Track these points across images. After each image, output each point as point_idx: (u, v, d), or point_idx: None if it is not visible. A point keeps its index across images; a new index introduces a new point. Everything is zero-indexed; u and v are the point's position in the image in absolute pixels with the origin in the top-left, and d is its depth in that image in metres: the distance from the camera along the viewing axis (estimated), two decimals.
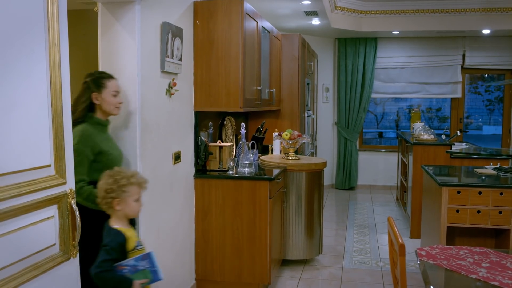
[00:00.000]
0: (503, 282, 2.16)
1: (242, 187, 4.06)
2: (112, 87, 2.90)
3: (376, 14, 8.13)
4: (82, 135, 2.74)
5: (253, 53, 4.49)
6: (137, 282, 2.33)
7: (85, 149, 2.72)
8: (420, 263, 2.41)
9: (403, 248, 1.92)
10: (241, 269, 4.14)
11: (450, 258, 2.47)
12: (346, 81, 8.88)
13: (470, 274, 2.26)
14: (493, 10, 7.89)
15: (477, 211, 3.85)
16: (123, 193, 2.38)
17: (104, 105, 2.88)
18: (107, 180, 2.39)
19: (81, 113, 2.83)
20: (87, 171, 2.72)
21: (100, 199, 2.42)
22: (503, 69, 8.82)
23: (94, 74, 2.91)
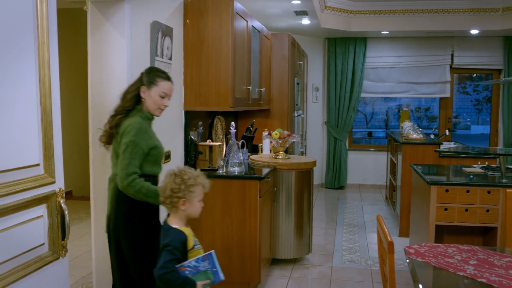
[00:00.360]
0: (490, 279, 2.18)
1: (232, 186, 4.06)
2: (163, 88, 2.83)
3: (365, 14, 8.17)
4: (140, 129, 2.72)
5: (243, 53, 4.49)
6: (199, 283, 2.30)
7: (142, 142, 2.70)
8: (408, 261, 2.43)
9: (391, 245, 1.94)
10: (231, 269, 4.14)
11: (438, 255, 2.49)
12: (336, 80, 8.92)
13: (458, 272, 2.28)
14: (481, 11, 7.96)
15: (465, 209, 3.89)
16: (189, 193, 2.37)
17: (148, 102, 2.82)
18: (174, 180, 2.36)
19: (129, 101, 2.80)
20: (139, 164, 2.69)
21: (164, 198, 2.39)
22: (491, 69, 8.89)
23: (152, 70, 2.89)
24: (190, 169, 2.47)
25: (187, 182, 2.35)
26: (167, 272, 2.23)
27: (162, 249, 2.30)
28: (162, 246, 2.31)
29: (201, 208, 2.47)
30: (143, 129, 2.73)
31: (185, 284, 2.26)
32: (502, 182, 3.93)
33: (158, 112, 2.88)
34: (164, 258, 2.26)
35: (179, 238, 2.33)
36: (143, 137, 2.71)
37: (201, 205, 2.46)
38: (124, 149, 2.66)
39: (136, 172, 2.66)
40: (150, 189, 2.66)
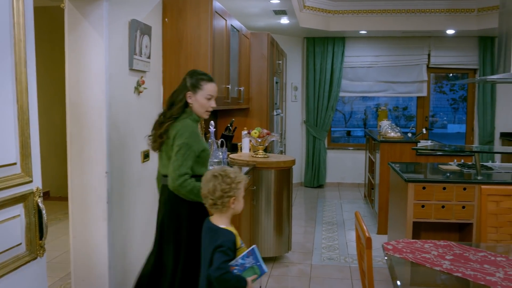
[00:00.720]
0: (466, 273, 2.23)
1: None
2: (208, 91, 2.90)
3: (344, 14, 8.23)
4: (192, 132, 2.82)
5: (222, 52, 4.49)
6: (249, 279, 2.32)
7: (194, 144, 2.78)
8: (387, 258, 2.46)
9: (369, 241, 1.97)
10: None
11: (415, 251, 2.53)
12: (315, 80, 8.97)
13: (435, 266, 2.32)
14: (457, 11, 8.09)
15: (442, 206, 3.95)
16: (238, 191, 2.42)
17: (195, 106, 2.90)
18: (224, 180, 2.39)
19: (177, 110, 2.87)
20: (191, 165, 2.76)
21: (214, 199, 2.39)
22: (466, 68, 9.03)
23: (193, 73, 2.95)
24: (226, 167, 2.53)
25: (235, 180, 2.40)
26: (224, 273, 2.25)
27: (214, 250, 2.31)
28: (214, 247, 2.31)
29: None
30: (195, 132, 2.84)
31: (240, 283, 2.29)
32: (478, 179, 4.00)
33: (205, 114, 2.96)
34: (219, 259, 2.28)
35: (231, 238, 2.35)
36: (195, 140, 2.81)
37: (243, 201, 2.51)
38: (177, 151, 2.74)
39: (188, 173, 2.73)
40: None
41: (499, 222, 3.01)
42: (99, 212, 3.16)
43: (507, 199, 3.03)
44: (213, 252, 2.31)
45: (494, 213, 3.02)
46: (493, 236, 3.00)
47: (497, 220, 3.01)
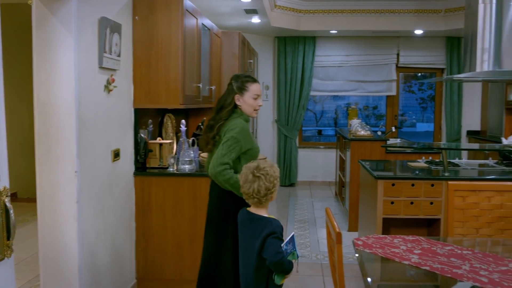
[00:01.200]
0: (433, 266, 2.28)
1: (183, 184, 4.05)
2: (253, 91, 3.13)
3: (314, 14, 8.30)
4: (243, 128, 3.04)
5: (193, 50, 4.48)
6: (294, 262, 2.54)
7: (242, 140, 3.00)
8: (358, 255, 2.50)
9: (339, 236, 2.00)
10: (182, 267, 4.13)
11: (385, 246, 2.58)
12: (286, 79, 9.01)
13: (403, 261, 2.36)
14: (424, 12, 8.24)
15: (411, 202, 4.02)
16: (275, 186, 2.63)
17: (244, 107, 3.14)
18: (266, 179, 2.56)
19: (227, 113, 3.10)
20: (234, 158, 2.97)
21: (260, 198, 2.58)
22: (434, 68, 9.21)
23: (238, 77, 3.19)
24: (260, 162, 2.66)
25: (275, 175, 2.61)
26: (282, 256, 2.46)
27: (267, 237, 2.48)
28: (266, 234, 2.49)
29: None
30: (245, 130, 3.06)
31: (290, 265, 2.50)
32: (445, 176, 4.09)
33: (254, 113, 3.20)
34: (275, 244, 2.47)
35: (279, 225, 2.58)
36: (244, 137, 3.02)
37: None
38: (224, 142, 2.98)
39: (229, 163, 2.94)
40: (236, 181, 2.86)
41: (465, 216, 3.08)
42: (68, 212, 3.12)
43: (472, 194, 3.11)
44: (264, 239, 2.49)
45: (460, 208, 3.09)
46: (460, 230, 3.07)
47: (463, 214, 3.09)
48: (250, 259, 2.59)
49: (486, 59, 4.91)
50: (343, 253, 2.14)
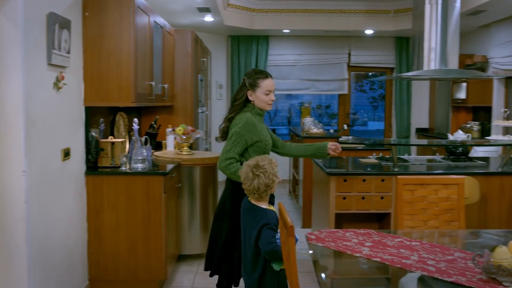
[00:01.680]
0: (384, 258, 2.34)
1: (136, 183, 4.00)
2: (265, 87, 3.23)
3: (267, 13, 8.35)
4: (247, 122, 3.16)
5: (145, 48, 4.43)
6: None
7: (246, 134, 3.15)
8: (310, 247, 2.54)
9: (292, 229, 2.02)
10: (136, 267, 4.08)
11: (337, 240, 2.63)
12: (239, 78, 9.02)
13: (355, 253, 2.42)
14: (374, 12, 8.43)
15: (362, 197, 4.11)
16: (276, 178, 2.79)
17: (257, 102, 3.26)
18: (265, 176, 2.71)
19: (238, 106, 3.27)
20: (239, 152, 3.14)
21: (260, 193, 2.74)
22: (384, 67, 9.44)
23: (251, 74, 3.29)
24: (258, 158, 2.80)
25: (273, 172, 2.76)
26: (276, 245, 2.57)
27: (262, 227, 2.64)
28: (262, 225, 2.65)
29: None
30: (250, 123, 3.17)
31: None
32: (394, 171, 4.20)
33: (268, 107, 3.31)
34: (268, 234, 2.61)
35: (275, 216, 2.71)
36: (249, 130, 3.16)
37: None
38: (229, 137, 3.18)
39: (234, 157, 3.12)
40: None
41: (414, 209, 3.18)
42: (16, 212, 3.03)
43: (420, 188, 3.21)
44: (260, 229, 2.65)
45: (409, 202, 3.18)
46: (409, 223, 3.17)
47: (412, 208, 3.18)
48: (249, 245, 2.77)
49: (433, 58, 5.07)
50: (297, 249, 2.18)
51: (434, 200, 3.20)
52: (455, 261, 2.30)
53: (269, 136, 3.38)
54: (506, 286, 1.98)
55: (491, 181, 4.30)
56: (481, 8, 6.50)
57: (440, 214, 3.20)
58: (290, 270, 2.11)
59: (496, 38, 7.55)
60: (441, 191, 3.22)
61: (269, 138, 3.37)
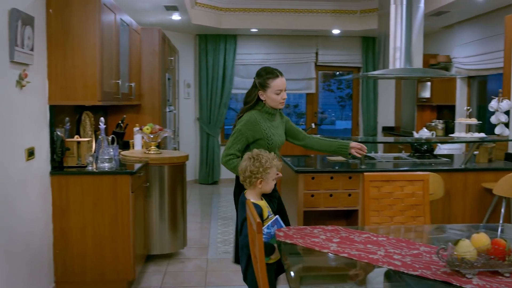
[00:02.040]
0: (351, 253, 2.37)
1: (102, 182, 3.95)
2: (275, 87, 3.25)
3: (235, 12, 8.35)
4: (249, 120, 3.24)
5: (111, 46, 4.37)
6: (275, 245, 2.65)
7: (247, 132, 3.22)
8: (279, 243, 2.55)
9: (260, 225, 2.03)
10: (104, 267, 4.02)
11: (305, 236, 2.64)
12: (207, 77, 9.00)
13: (323, 249, 2.44)
14: (341, 12, 8.52)
15: (330, 195, 4.16)
16: (266, 174, 2.80)
17: (268, 101, 3.29)
18: (253, 163, 2.79)
19: (249, 106, 3.31)
20: (240, 148, 3.23)
21: (244, 178, 2.84)
22: (351, 66, 9.55)
23: (261, 74, 3.30)
24: (265, 152, 2.87)
25: (264, 165, 2.79)
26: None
27: (243, 221, 2.69)
28: (243, 218, 2.71)
29: (273, 185, 2.92)
30: (252, 121, 3.24)
31: (266, 248, 2.53)
32: (361, 168, 4.26)
33: (280, 105, 3.33)
34: (246, 228, 2.63)
35: (257, 210, 2.62)
36: (250, 128, 3.23)
37: (273, 183, 2.91)
38: (231, 134, 3.28)
39: (234, 154, 3.22)
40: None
41: (380, 206, 3.23)
42: None
43: (387, 184, 3.26)
44: (242, 222, 2.73)
45: (376, 198, 3.23)
46: (375, 219, 3.21)
47: (379, 204, 3.23)
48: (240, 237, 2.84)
49: (398, 57, 5.16)
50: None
51: (400, 196, 3.26)
52: (420, 255, 2.35)
53: (279, 134, 3.38)
54: (469, 278, 2.03)
55: (455, 177, 4.40)
56: (444, 9, 6.65)
57: (406, 210, 3.26)
58: (258, 267, 2.12)
59: (459, 38, 7.73)
60: (407, 187, 3.28)
61: (278, 136, 3.36)
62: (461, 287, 1.97)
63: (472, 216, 4.44)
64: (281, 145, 3.43)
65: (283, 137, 3.46)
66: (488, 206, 4.44)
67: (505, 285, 1.97)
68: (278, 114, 3.44)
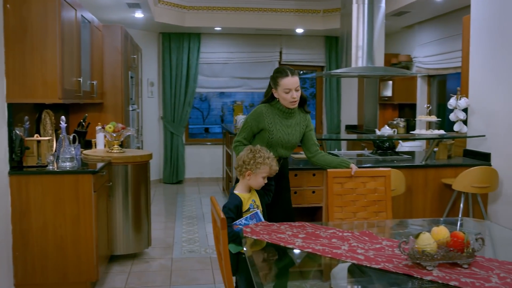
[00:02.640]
0: (316, 248, 2.39)
1: (64, 182, 3.87)
2: (283, 86, 3.26)
3: (199, 10, 8.31)
4: (255, 111, 3.41)
5: (72, 43, 4.29)
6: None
7: (252, 122, 3.38)
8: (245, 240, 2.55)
9: (224, 221, 2.02)
10: (66, 269, 3.94)
11: (271, 233, 2.65)
12: (171, 76, 8.94)
13: (288, 245, 2.45)
14: (304, 12, 8.58)
15: (294, 192, 4.17)
16: (256, 169, 2.92)
17: (280, 100, 3.34)
18: (247, 154, 2.96)
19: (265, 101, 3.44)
20: (247, 137, 3.41)
21: (236, 165, 3.00)
22: (315, 65, 9.64)
23: (275, 71, 3.37)
24: (266, 151, 3.02)
25: (257, 159, 2.92)
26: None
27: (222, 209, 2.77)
28: (223, 207, 2.81)
29: (263, 184, 3.00)
30: (258, 112, 3.38)
31: (236, 237, 2.72)
32: None
33: (290, 105, 3.33)
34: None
35: (234, 202, 2.90)
36: (255, 119, 3.37)
37: (264, 181, 2.98)
38: (241, 123, 3.52)
39: (240, 141, 3.40)
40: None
41: (344, 202, 3.27)
42: None
43: (349, 180, 3.30)
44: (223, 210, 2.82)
45: (339, 194, 3.27)
46: (339, 215, 3.26)
47: (342, 200, 3.27)
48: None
49: (360, 55, 5.23)
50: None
51: (362, 192, 3.31)
52: (383, 249, 2.39)
53: (287, 133, 3.39)
54: (430, 270, 2.07)
55: (416, 173, 4.49)
56: (405, 9, 6.78)
57: (368, 206, 3.31)
58: (223, 263, 2.11)
59: (419, 38, 7.90)
60: (369, 183, 3.33)
61: (285, 134, 3.38)
62: (421, 279, 2.02)
63: (432, 210, 4.55)
64: (287, 144, 3.42)
65: (294, 139, 3.44)
66: (448, 201, 4.55)
67: (464, 275, 2.02)
68: (298, 115, 3.44)
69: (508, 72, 4.42)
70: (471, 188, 4.31)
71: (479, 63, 4.84)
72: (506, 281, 1.97)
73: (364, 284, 2.17)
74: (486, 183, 4.34)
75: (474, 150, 4.88)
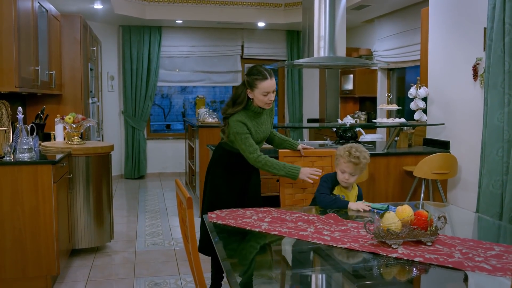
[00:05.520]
0: (282, 231, 2.39)
1: (22, 173, 3.74)
2: (263, 89, 3.19)
3: (160, 2, 8.21)
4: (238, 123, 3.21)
5: (29, 31, 4.17)
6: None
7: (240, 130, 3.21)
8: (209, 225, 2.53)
9: (190, 200, 1.99)
10: (25, 263, 3.82)
11: (237, 218, 2.64)
12: (132, 69, 8.80)
13: (254, 228, 2.44)
14: (266, 5, 8.59)
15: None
16: (336, 160, 3.12)
17: (255, 101, 3.24)
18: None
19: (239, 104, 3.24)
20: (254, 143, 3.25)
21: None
22: (276, 59, 9.65)
23: (251, 72, 3.25)
24: (362, 148, 3.11)
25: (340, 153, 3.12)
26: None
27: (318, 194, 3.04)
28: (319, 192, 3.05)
29: (341, 178, 3.11)
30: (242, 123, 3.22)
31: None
32: None
33: (266, 106, 3.28)
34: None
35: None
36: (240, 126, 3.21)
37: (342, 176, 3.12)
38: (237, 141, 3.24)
39: (255, 150, 3.23)
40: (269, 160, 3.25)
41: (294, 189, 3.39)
42: None
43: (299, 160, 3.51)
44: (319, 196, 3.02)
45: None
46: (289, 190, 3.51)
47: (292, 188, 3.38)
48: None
49: (322, 46, 5.27)
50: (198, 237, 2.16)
51: None
52: (348, 230, 2.41)
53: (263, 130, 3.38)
54: (395, 248, 2.10)
55: (378, 161, 4.57)
56: (365, 3, 6.87)
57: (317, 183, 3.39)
58: (190, 247, 2.08)
59: (378, 32, 8.02)
60: (317, 162, 3.54)
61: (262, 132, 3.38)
62: (387, 256, 2.04)
63: (394, 197, 4.63)
64: (264, 139, 3.48)
65: (268, 131, 3.46)
66: (409, 188, 4.65)
67: (428, 252, 2.06)
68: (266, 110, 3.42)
69: (465, 62, 4.53)
70: (432, 175, 4.41)
71: (438, 54, 4.95)
72: (468, 256, 2.02)
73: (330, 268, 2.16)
74: (446, 169, 4.45)
75: (433, 139, 5.00)
